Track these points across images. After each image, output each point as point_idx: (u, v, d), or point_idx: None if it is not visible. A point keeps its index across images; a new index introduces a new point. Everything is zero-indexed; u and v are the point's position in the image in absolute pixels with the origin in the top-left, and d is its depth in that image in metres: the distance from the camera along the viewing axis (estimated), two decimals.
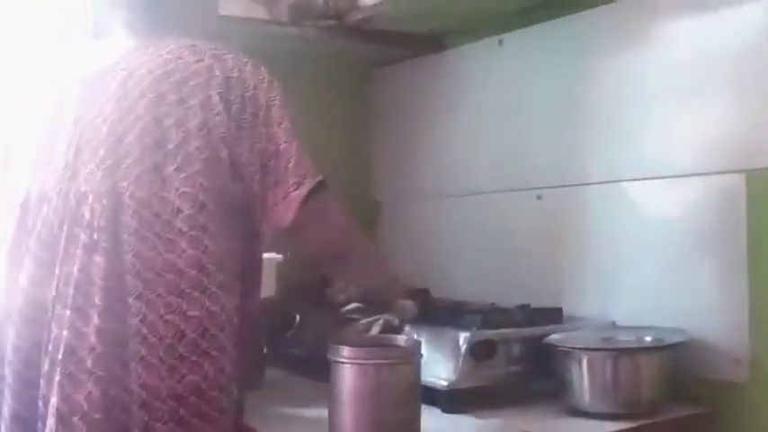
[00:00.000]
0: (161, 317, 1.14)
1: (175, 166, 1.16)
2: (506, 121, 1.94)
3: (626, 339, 1.52)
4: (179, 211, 1.16)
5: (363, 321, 1.37)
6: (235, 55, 1.24)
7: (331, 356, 1.21)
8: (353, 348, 1.20)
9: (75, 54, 1.36)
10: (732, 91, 1.51)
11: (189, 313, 1.15)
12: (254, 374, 1.61)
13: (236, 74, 1.21)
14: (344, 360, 1.19)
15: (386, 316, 1.37)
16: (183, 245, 1.16)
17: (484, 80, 2.01)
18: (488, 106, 1.99)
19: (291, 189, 1.21)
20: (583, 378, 1.43)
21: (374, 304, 1.40)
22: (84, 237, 1.17)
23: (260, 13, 1.90)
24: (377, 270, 1.43)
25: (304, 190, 1.21)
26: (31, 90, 1.38)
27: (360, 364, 1.19)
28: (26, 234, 1.23)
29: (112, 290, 1.15)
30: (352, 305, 1.42)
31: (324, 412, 1.25)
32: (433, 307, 1.76)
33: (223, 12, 1.51)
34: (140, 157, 1.17)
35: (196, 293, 1.16)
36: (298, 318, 1.76)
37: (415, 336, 1.39)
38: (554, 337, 1.49)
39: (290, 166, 1.21)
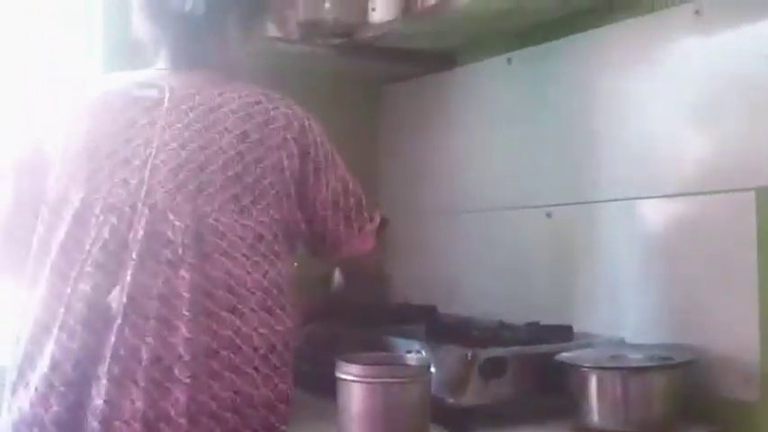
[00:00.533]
0: (255, 329, 1.23)
1: (252, 198, 1.28)
2: (515, 138, 1.95)
3: (636, 357, 1.51)
4: (261, 237, 1.28)
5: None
6: (298, 106, 1.38)
7: (339, 373, 1.21)
8: (363, 366, 1.20)
9: (123, 78, 1.41)
10: (742, 109, 1.51)
11: (276, 328, 1.25)
12: None
13: (307, 123, 1.35)
14: (353, 378, 1.19)
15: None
16: (266, 267, 1.27)
17: (493, 98, 2.01)
18: (497, 123, 2.00)
19: (367, 222, 1.44)
20: (593, 396, 1.42)
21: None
22: (167, 253, 1.23)
23: (270, 30, 1.90)
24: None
25: (376, 222, 1.47)
26: (71, 106, 1.40)
27: (369, 382, 1.19)
28: (83, 242, 1.26)
29: (198, 303, 1.22)
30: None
31: (330, 429, 1.24)
32: (441, 324, 1.76)
33: None
34: (222, 186, 1.27)
35: (278, 311, 1.26)
36: (305, 334, 1.76)
37: (424, 353, 1.39)
38: (564, 354, 1.49)
39: (360, 203, 1.43)
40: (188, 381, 1.18)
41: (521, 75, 1.94)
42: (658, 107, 1.64)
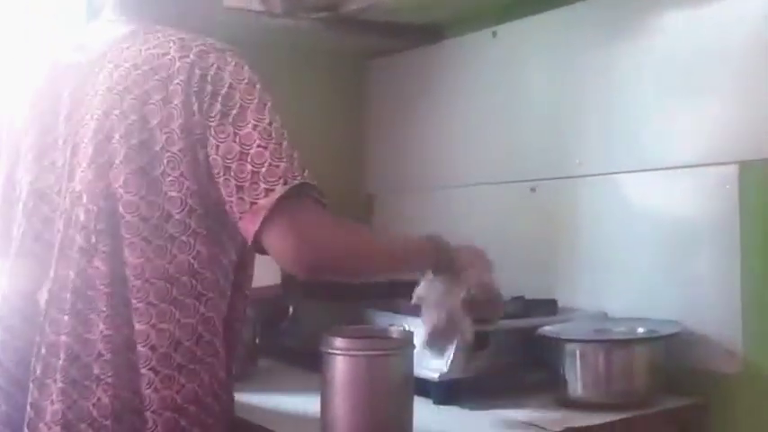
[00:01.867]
0: (153, 326, 1.11)
1: (162, 169, 1.12)
2: (500, 112, 1.94)
3: (619, 331, 1.52)
4: (169, 215, 1.12)
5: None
6: (220, 53, 1.16)
7: (323, 347, 1.21)
8: (346, 339, 1.20)
9: (69, 41, 1.32)
10: (727, 83, 1.51)
11: (183, 321, 1.13)
12: (246, 366, 1.61)
13: (212, 71, 1.14)
14: (337, 351, 1.19)
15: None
16: (174, 251, 1.12)
17: (478, 71, 2.01)
18: (483, 98, 1.99)
19: (260, 197, 1.09)
20: (576, 369, 1.43)
21: None
22: (79, 239, 1.13)
23: (253, 4, 1.89)
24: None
25: (273, 197, 1.09)
26: (24, 79, 1.34)
27: (352, 355, 1.19)
28: (16, 230, 1.21)
29: (117, 295, 1.12)
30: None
31: (315, 402, 1.24)
32: None
33: None
34: (126, 157, 1.12)
35: (189, 300, 1.13)
36: (291, 309, 1.76)
37: (408, 327, 1.39)
38: (547, 328, 1.49)
39: (262, 171, 1.09)
40: (110, 379, 1.10)
41: (506, 48, 1.93)
42: (643, 81, 1.64)
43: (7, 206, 1.25)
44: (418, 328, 1.33)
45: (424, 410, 1.33)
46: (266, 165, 1.10)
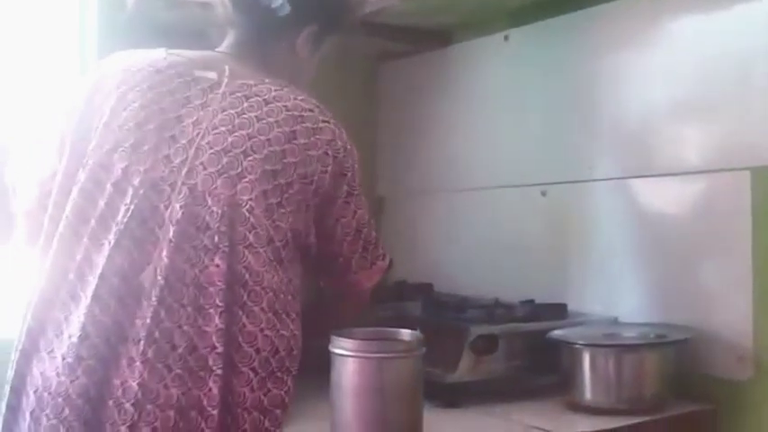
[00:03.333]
0: (261, 330, 1.20)
1: (278, 200, 1.24)
2: (512, 116, 1.94)
3: (629, 335, 1.51)
4: (271, 239, 1.24)
5: None
6: (345, 129, 1.35)
7: (332, 348, 1.21)
8: (356, 341, 1.20)
9: (191, 56, 1.37)
10: (738, 89, 1.50)
11: (281, 332, 1.22)
12: None
13: (349, 147, 1.33)
14: (346, 352, 1.19)
15: None
16: (278, 269, 1.24)
17: (489, 75, 2.01)
18: (494, 101, 1.99)
19: (380, 259, 1.38)
20: (586, 373, 1.43)
21: None
22: (204, 238, 1.21)
23: None
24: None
25: (386, 263, 1.39)
26: (134, 75, 1.36)
27: (363, 357, 1.19)
28: (119, 212, 1.24)
29: (232, 293, 1.20)
30: None
31: (320, 404, 1.25)
32: (437, 302, 1.76)
33: None
34: (260, 178, 1.23)
35: (284, 316, 1.23)
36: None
37: (418, 330, 1.39)
38: (557, 332, 1.49)
39: (377, 240, 1.38)
40: (220, 372, 1.17)
41: (517, 53, 1.93)
42: (655, 86, 1.63)
43: (93, 185, 1.28)
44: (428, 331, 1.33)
45: (433, 413, 1.33)
46: (376, 236, 1.39)
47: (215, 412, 1.16)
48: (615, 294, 1.68)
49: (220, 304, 1.19)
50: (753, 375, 1.46)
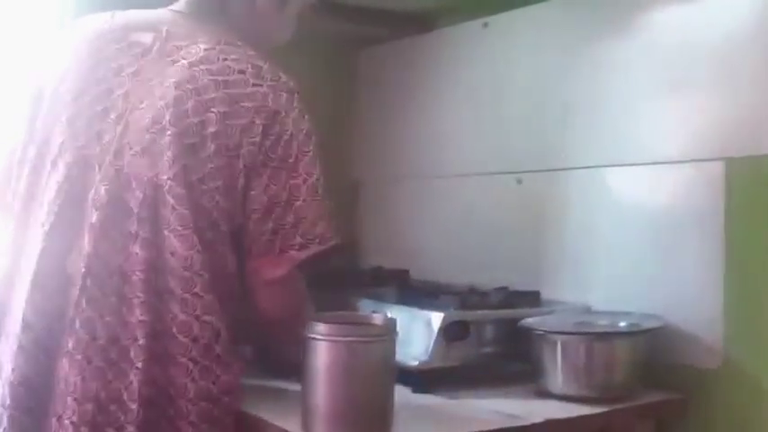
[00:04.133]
0: (197, 317, 1.15)
1: (200, 176, 1.16)
2: (489, 103, 1.94)
3: (601, 324, 1.52)
4: (194, 221, 1.16)
5: None
6: (290, 95, 1.22)
7: (306, 332, 1.21)
8: (328, 325, 1.20)
9: (134, 17, 1.32)
10: (714, 80, 1.51)
11: (223, 315, 1.17)
12: None
13: (283, 113, 1.20)
14: (319, 336, 1.19)
15: None
16: (217, 246, 1.18)
17: (468, 62, 2.00)
18: (471, 88, 1.99)
19: (294, 248, 1.21)
20: (556, 361, 1.43)
21: None
22: (128, 225, 1.16)
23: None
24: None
25: (307, 253, 1.21)
26: (69, 44, 1.32)
27: (334, 340, 1.18)
28: (56, 188, 1.20)
29: (153, 282, 1.15)
30: None
31: (293, 387, 1.24)
32: (412, 288, 1.77)
33: None
34: (177, 155, 1.16)
35: (226, 297, 1.19)
36: None
37: (391, 315, 1.39)
38: (528, 320, 1.49)
39: (303, 226, 1.20)
40: (140, 364, 1.13)
41: (496, 40, 1.93)
42: (631, 76, 1.64)
43: (39, 161, 1.25)
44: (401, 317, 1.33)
45: (403, 398, 1.33)
46: (307, 221, 1.20)
47: (134, 407, 1.11)
48: (588, 283, 1.69)
49: (140, 295, 1.13)
50: (722, 365, 1.46)
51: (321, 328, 1.20)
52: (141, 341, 1.13)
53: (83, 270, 1.15)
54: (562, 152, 1.76)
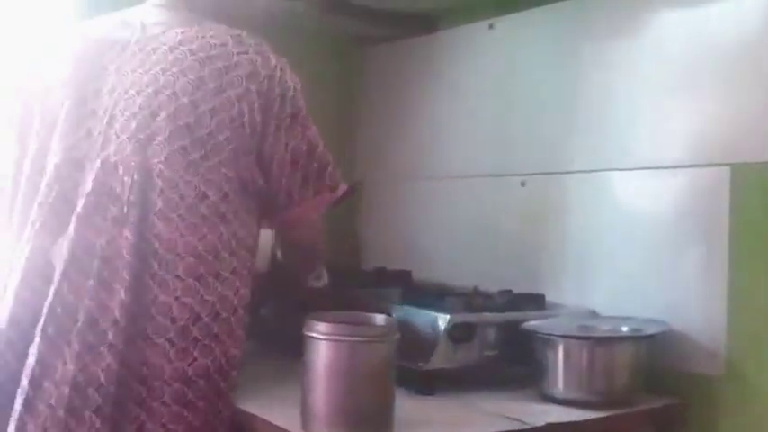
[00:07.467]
0: (177, 298, 1.17)
1: (202, 153, 1.19)
2: (493, 105, 1.93)
3: (603, 328, 1.51)
4: (204, 196, 1.19)
5: None
6: (278, 57, 1.26)
7: (306, 332, 1.20)
8: (330, 324, 1.19)
9: (111, 19, 1.35)
10: (721, 85, 1.50)
11: (205, 297, 1.19)
12: None
13: (278, 74, 1.24)
14: (320, 336, 1.18)
15: None
16: (205, 230, 1.19)
17: (473, 63, 2.00)
18: (476, 90, 1.98)
19: (326, 190, 1.31)
20: (558, 365, 1.42)
21: None
22: (114, 209, 1.17)
23: None
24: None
25: (336, 194, 1.34)
26: (58, 52, 1.35)
27: (335, 340, 1.18)
28: (47, 193, 1.22)
29: (139, 265, 1.17)
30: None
31: (295, 388, 1.24)
32: (416, 289, 1.76)
33: None
34: (171, 136, 1.18)
35: (211, 278, 1.19)
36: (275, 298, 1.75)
37: (393, 316, 1.39)
38: (531, 323, 1.49)
39: (329, 169, 1.32)
40: (121, 346, 1.14)
41: (502, 41, 1.92)
42: (637, 79, 1.63)
43: (37, 176, 1.27)
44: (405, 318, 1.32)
45: (405, 400, 1.33)
46: (326, 164, 1.32)
47: (112, 388, 1.13)
48: (592, 286, 1.68)
49: (126, 277, 1.15)
50: (724, 371, 1.46)
51: (322, 327, 1.19)
52: (122, 323, 1.14)
53: (66, 256, 1.17)
54: (566, 155, 1.76)
